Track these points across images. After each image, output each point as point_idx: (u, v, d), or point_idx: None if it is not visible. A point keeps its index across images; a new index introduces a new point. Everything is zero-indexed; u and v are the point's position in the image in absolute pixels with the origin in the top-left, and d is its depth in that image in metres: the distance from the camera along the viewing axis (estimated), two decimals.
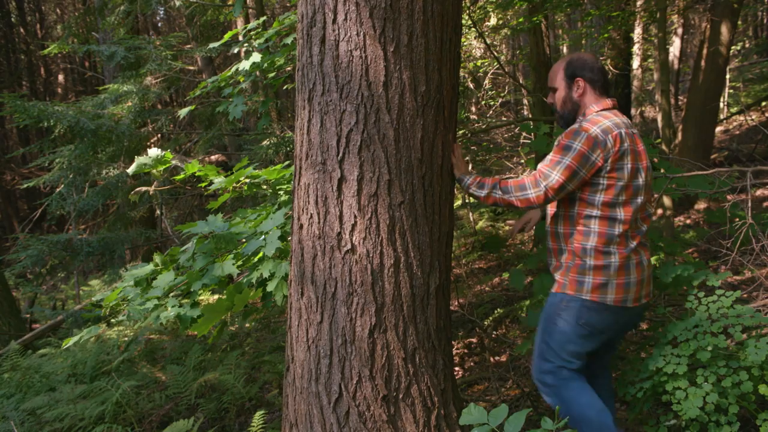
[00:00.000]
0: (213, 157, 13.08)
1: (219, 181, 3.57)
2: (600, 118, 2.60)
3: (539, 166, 2.60)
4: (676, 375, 2.50)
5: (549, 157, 2.58)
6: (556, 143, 2.60)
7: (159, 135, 9.97)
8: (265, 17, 5.47)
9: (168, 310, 3.00)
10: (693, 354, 2.55)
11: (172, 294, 3.14)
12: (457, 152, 2.65)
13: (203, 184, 3.76)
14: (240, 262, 3.18)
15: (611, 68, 11.79)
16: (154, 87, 8.84)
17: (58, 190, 8.61)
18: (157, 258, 3.42)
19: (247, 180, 3.67)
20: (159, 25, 22.19)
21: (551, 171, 2.53)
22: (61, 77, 25.07)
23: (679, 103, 14.99)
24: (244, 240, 3.25)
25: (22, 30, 24.64)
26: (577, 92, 2.71)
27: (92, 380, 5.77)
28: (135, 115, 8.40)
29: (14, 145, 22.90)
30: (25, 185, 8.79)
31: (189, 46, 10.96)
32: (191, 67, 11.60)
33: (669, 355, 2.56)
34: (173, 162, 3.51)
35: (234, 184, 3.61)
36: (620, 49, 11.99)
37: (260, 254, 3.20)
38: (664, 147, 6.54)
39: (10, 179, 20.62)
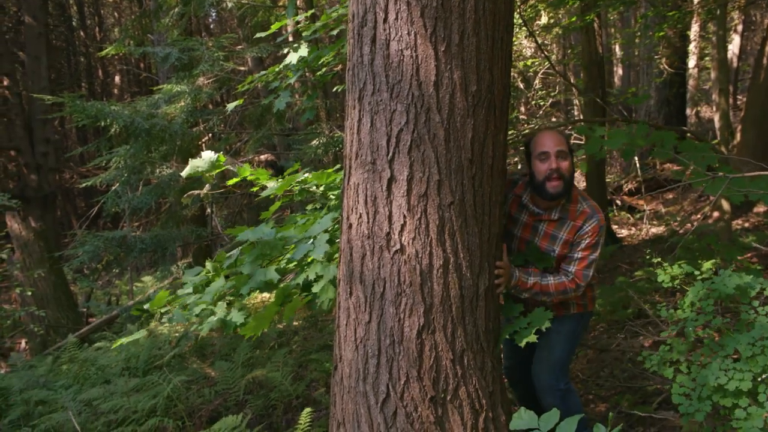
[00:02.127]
0: (262, 157, 13.24)
1: (271, 186, 3.59)
2: (592, 201, 2.97)
3: (573, 268, 2.89)
4: (739, 392, 2.40)
5: (579, 255, 2.88)
6: (582, 241, 2.88)
7: (210, 134, 10.14)
8: (314, 10, 5.49)
9: (215, 315, 3.05)
10: (764, 369, 2.44)
11: (220, 298, 3.18)
12: (505, 258, 2.69)
13: (255, 189, 3.78)
14: (291, 266, 3.19)
15: (666, 67, 11.51)
16: (206, 87, 8.99)
17: (113, 188, 8.84)
18: (209, 265, 3.47)
19: (298, 186, 3.68)
20: (211, 26, 22.59)
21: (588, 271, 2.88)
22: (117, 78, 25.78)
23: (738, 102, 14.55)
24: (293, 245, 3.26)
25: (82, 33, 25.42)
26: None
27: (145, 374, 5.91)
28: (187, 114, 8.56)
29: (73, 145, 23.64)
30: (83, 184, 9.05)
31: (240, 47, 11.12)
32: (242, 68, 11.76)
33: (731, 370, 2.46)
34: (226, 165, 3.54)
35: (285, 191, 3.63)
36: (676, 47, 11.70)
37: (310, 258, 3.22)
38: (722, 148, 6.35)
39: (69, 177, 21.29)
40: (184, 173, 3.48)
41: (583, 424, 3.06)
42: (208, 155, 3.46)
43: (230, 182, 3.68)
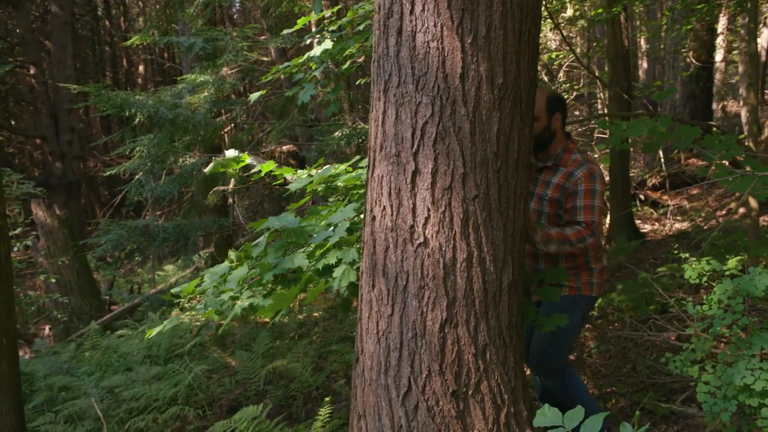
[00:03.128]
0: (284, 148, 13.29)
1: (297, 183, 3.60)
2: (589, 156, 3.22)
3: (581, 218, 3.06)
4: (766, 392, 2.36)
5: (581, 204, 3.07)
6: (578, 187, 3.08)
7: (233, 125, 10.18)
8: (340, 6, 5.48)
9: (242, 300, 3.07)
10: None
11: (245, 286, 3.20)
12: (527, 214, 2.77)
13: (278, 182, 3.79)
14: (314, 258, 3.20)
15: (693, 61, 11.34)
16: (230, 77, 9.02)
17: (136, 177, 8.91)
18: (232, 255, 3.48)
19: (323, 185, 3.69)
20: (235, 17, 22.65)
21: (594, 217, 3.05)
22: (141, 68, 25.95)
23: (766, 97, 14.31)
24: (314, 234, 3.28)
25: (107, 23, 25.62)
26: (554, 124, 3.20)
27: (166, 362, 5.97)
28: (211, 104, 8.60)
29: (97, 134, 23.88)
30: (107, 172, 9.13)
31: (264, 37, 11.13)
32: (265, 58, 11.79)
33: (758, 370, 2.42)
34: (249, 161, 3.55)
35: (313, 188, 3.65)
36: (703, 40, 11.52)
37: (327, 245, 3.22)
38: (750, 144, 6.24)
39: (93, 166, 21.52)
40: (207, 170, 3.50)
41: (595, 413, 3.11)
42: (231, 153, 3.48)
43: (255, 177, 3.69)
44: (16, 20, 17.96)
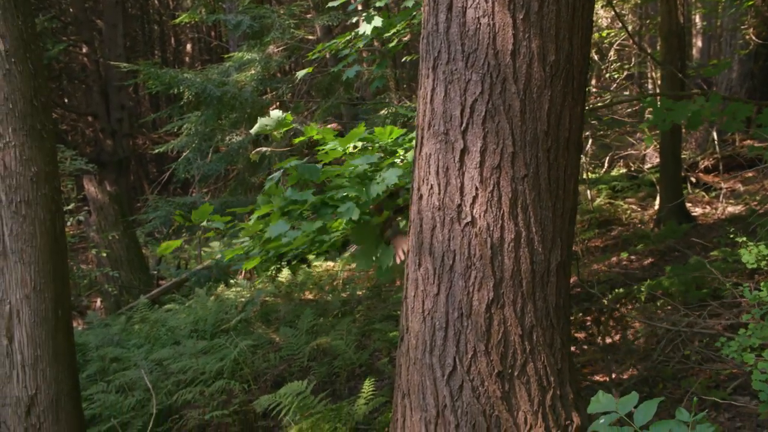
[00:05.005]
0: (330, 126, 13.29)
1: (332, 144, 3.59)
2: None
3: None
4: None
5: None
6: None
7: (278, 103, 10.23)
8: None
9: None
10: None
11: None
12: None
13: (319, 148, 3.76)
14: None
15: (753, 38, 10.93)
16: (276, 55, 9.05)
17: (184, 155, 9.05)
18: (259, 199, 3.51)
19: (360, 144, 3.65)
20: None
21: None
22: (189, 46, 26.24)
23: None
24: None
25: (156, 1, 25.95)
26: None
27: (212, 337, 6.08)
28: (257, 82, 8.65)
29: (146, 112, 24.29)
30: (156, 150, 9.29)
31: (310, 15, 11.13)
32: (311, 37, 11.78)
33: None
34: (293, 125, 3.57)
35: (347, 148, 3.62)
36: (764, 16, 11.07)
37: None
38: None
39: (142, 143, 21.93)
40: (253, 131, 3.53)
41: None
42: (276, 114, 3.50)
43: (297, 140, 3.70)
44: (69, 0, 18.32)
